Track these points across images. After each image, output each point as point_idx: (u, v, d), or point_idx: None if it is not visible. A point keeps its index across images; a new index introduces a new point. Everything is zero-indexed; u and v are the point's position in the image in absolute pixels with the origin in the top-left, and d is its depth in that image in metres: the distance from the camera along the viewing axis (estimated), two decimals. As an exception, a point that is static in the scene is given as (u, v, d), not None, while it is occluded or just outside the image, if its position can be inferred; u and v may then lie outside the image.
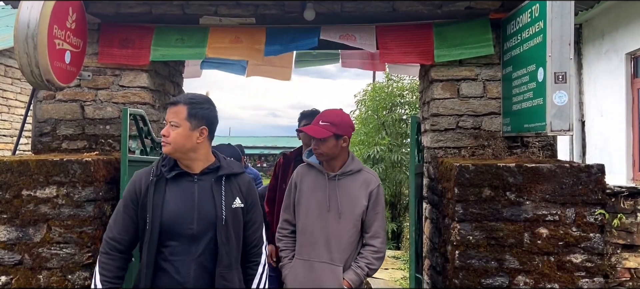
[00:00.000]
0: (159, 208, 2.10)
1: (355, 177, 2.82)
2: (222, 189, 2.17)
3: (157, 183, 2.14)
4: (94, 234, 3.00)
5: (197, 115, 2.15)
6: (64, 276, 2.99)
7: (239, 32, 3.64)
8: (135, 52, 3.56)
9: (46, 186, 3.01)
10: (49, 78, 3.01)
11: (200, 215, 2.12)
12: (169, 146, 2.13)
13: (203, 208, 2.13)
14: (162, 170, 2.17)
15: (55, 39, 3.03)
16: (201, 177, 2.18)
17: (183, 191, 2.15)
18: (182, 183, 2.16)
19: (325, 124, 2.75)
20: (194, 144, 2.14)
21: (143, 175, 2.18)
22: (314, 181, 2.83)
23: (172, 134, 2.13)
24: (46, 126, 3.62)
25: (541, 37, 2.92)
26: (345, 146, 2.81)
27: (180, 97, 2.20)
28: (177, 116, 2.14)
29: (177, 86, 4.35)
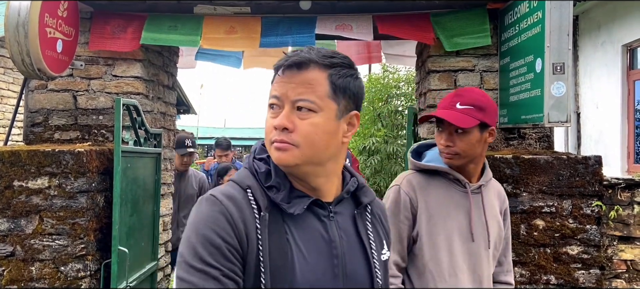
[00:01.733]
0: (285, 271, 1.09)
1: (490, 188, 2.01)
2: (368, 230, 1.24)
3: (271, 223, 1.11)
4: (87, 225, 2.96)
5: (346, 90, 1.15)
6: (57, 268, 2.95)
7: (233, 22, 3.59)
8: (127, 40, 3.50)
9: (38, 177, 2.97)
10: (41, 67, 2.96)
11: (349, 281, 1.16)
12: (294, 150, 1.10)
13: (353, 270, 1.17)
14: (272, 197, 1.13)
15: (46, 27, 2.98)
16: (337, 209, 1.20)
17: (316, 239, 1.15)
18: (310, 222, 1.15)
19: (467, 108, 1.84)
20: (338, 146, 1.17)
21: (233, 208, 1.09)
22: (445, 196, 1.88)
23: (304, 127, 1.11)
24: (38, 116, 3.57)
25: (539, 27, 2.89)
26: (488, 143, 1.92)
27: (306, 52, 1.14)
28: (313, 90, 1.12)
29: (171, 76, 4.31)
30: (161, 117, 4.05)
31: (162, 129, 3.95)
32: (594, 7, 7.36)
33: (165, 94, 4.15)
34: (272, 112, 1.14)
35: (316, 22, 3.59)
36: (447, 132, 1.85)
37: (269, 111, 1.15)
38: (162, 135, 3.80)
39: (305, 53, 1.13)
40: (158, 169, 3.74)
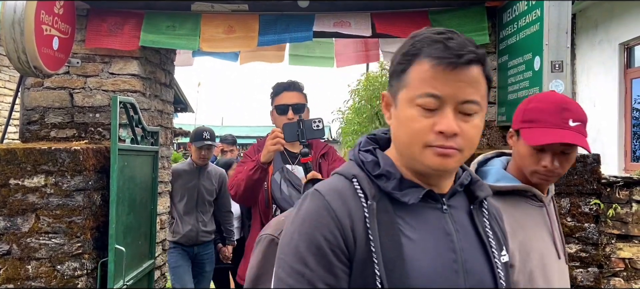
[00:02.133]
0: (401, 263, 0.99)
1: None
2: (486, 227, 1.13)
3: (380, 212, 1.02)
4: (84, 224, 2.95)
5: (490, 82, 1.08)
6: (53, 267, 2.94)
7: (231, 20, 3.58)
8: (124, 38, 3.48)
9: (34, 175, 2.95)
10: (37, 64, 2.94)
11: (471, 279, 1.04)
12: (458, 155, 1.01)
13: (473, 267, 1.06)
14: (382, 186, 1.05)
15: (42, 24, 2.96)
16: (451, 202, 1.11)
17: (432, 231, 1.04)
18: (424, 213, 1.05)
19: (579, 124, 1.60)
20: None
21: (337, 202, 1.01)
22: (525, 216, 1.63)
23: (470, 130, 1.02)
24: (34, 114, 3.55)
25: (538, 25, 2.89)
26: None
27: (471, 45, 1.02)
28: (478, 89, 1.02)
29: (168, 74, 4.29)
30: (158, 115, 4.04)
31: (159, 127, 3.93)
32: (591, 5, 7.36)
33: (162, 92, 4.13)
34: (425, 112, 0.99)
35: (314, 20, 3.57)
36: (551, 153, 1.55)
37: (419, 110, 1.00)
38: (159, 133, 3.79)
39: (472, 46, 1.01)
40: (155, 167, 3.73)
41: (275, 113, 2.78)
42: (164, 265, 4.34)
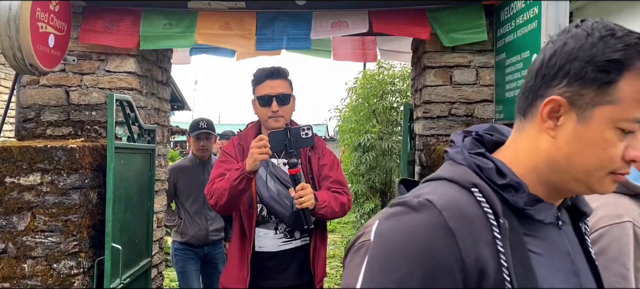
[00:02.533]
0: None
1: None
2: (589, 246, 1.01)
3: (511, 232, 0.85)
4: (80, 222, 2.93)
5: None
6: (49, 265, 2.92)
7: (228, 18, 3.57)
8: (120, 35, 3.46)
9: (30, 174, 2.93)
10: (32, 62, 2.92)
11: None
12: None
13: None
14: (511, 200, 0.88)
15: (38, 21, 2.94)
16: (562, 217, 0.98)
17: (557, 253, 0.91)
18: (548, 231, 0.92)
19: None
20: None
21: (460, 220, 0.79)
22: None
23: None
24: (30, 112, 3.53)
25: (536, 22, 2.88)
26: None
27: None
28: None
29: (165, 72, 4.27)
30: (155, 113, 4.02)
31: (156, 125, 3.92)
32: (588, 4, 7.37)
33: (159, 90, 4.12)
34: (621, 136, 0.83)
35: (312, 18, 3.56)
36: None
37: (617, 133, 0.83)
38: (156, 131, 3.77)
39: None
40: (152, 165, 3.71)
41: (257, 104, 2.49)
42: (161, 264, 4.33)
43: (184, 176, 4.20)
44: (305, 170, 2.52)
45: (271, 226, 2.50)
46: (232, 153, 2.54)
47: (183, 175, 4.21)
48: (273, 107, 2.45)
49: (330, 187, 2.52)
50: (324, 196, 2.40)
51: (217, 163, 2.55)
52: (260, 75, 2.51)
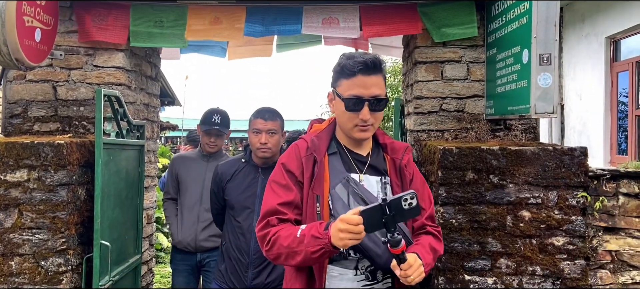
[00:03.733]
0: None
1: None
2: None
3: None
4: (68, 219, 2.90)
5: None
6: (37, 263, 2.89)
7: (218, 12, 3.54)
8: (109, 30, 3.42)
9: (17, 170, 2.89)
10: (18, 57, 2.87)
11: None
12: None
13: None
14: None
15: (24, 15, 2.89)
16: None
17: None
18: None
19: None
20: None
21: None
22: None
23: None
24: (17, 107, 3.48)
25: (526, 18, 2.88)
26: None
27: None
28: None
29: (155, 67, 4.23)
30: (144, 109, 3.98)
31: (145, 121, 3.88)
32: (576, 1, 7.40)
33: (148, 85, 4.08)
34: None
35: (302, 12, 3.54)
36: None
37: None
38: (145, 126, 3.74)
39: None
40: (141, 161, 3.68)
41: (340, 103, 1.89)
42: (151, 260, 4.30)
43: (186, 167, 3.77)
44: (395, 187, 1.97)
45: (350, 264, 1.89)
46: (297, 170, 1.91)
47: (185, 166, 3.77)
48: (363, 114, 1.84)
49: (426, 226, 2.02)
50: (427, 257, 1.85)
51: (274, 185, 1.93)
52: (351, 66, 1.84)
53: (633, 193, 2.98)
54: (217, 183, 3.04)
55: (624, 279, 2.98)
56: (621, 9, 6.42)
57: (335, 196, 1.86)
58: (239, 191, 2.95)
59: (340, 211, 1.79)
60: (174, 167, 3.85)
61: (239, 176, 2.99)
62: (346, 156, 1.95)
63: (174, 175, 3.82)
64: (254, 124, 2.93)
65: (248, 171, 2.99)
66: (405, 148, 2.02)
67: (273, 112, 3.00)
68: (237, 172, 3.01)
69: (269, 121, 2.92)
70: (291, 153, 1.95)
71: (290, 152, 1.96)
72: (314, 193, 1.86)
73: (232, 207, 2.96)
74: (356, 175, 1.92)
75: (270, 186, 1.93)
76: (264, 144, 2.88)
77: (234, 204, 2.95)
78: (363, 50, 2.15)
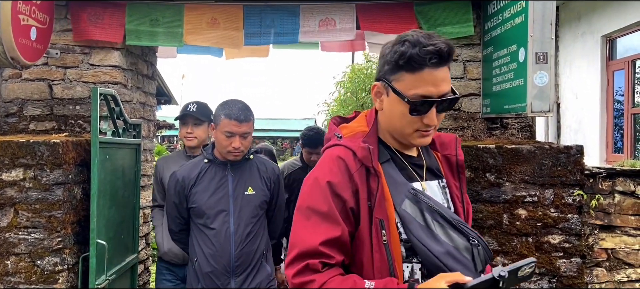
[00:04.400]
0: None
1: None
2: None
3: None
4: (64, 218, 2.89)
5: None
6: (33, 262, 2.88)
7: (215, 11, 3.53)
8: (105, 29, 3.41)
9: (12, 169, 2.88)
10: (14, 55, 2.86)
11: None
12: None
13: None
14: None
15: (19, 14, 2.88)
16: None
17: None
18: None
19: None
20: None
21: None
22: None
23: None
24: (12, 106, 3.47)
25: (523, 16, 2.89)
26: None
27: None
28: None
29: (151, 65, 4.22)
30: (140, 107, 3.97)
31: (141, 119, 3.87)
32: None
33: (144, 84, 4.07)
34: None
35: (299, 12, 3.54)
36: None
37: None
38: (141, 125, 3.73)
39: None
40: (138, 160, 3.67)
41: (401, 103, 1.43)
42: (148, 259, 4.29)
43: (170, 170, 3.23)
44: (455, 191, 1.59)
45: None
46: (348, 191, 1.39)
47: (168, 168, 3.30)
48: (430, 118, 1.42)
49: None
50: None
51: (312, 214, 1.39)
52: (421, 57, 1.36)
53: (629, 191, 2.99)
54: (179, 192, 2.68)
55: (619, 277, 2.99)
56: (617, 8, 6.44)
57: (406, 217, 1.40)
58: (209, 195, 2.64)
59: (421, 236, 1.38)
60: (158, 171, 3.39)
61: (204, 179, 2.68)
62: (401, 161, 1.51)
63: (159, 180, 3.35)
64: (226, 126, 2.59)
65: (215, 171, 2.70)
66: (455, 140, 1.65)
67: (246, 110, 2.66)
68: (201, 174, 2.69)
69: (244, 123, 2.60)
70: (334, 168, 1.41)
71: (332, 166, 1.41)
72: (376, 217, 1.37)
73: (202, 214, 2.63)
74: (418, 184, 1.48)
75: (305, 214, 1.40)
76: (237, 149, 2.62)
77: (205, 210, 2.63)
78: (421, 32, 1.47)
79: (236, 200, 2.66)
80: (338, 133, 1.52)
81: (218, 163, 2.72)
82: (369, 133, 1.51)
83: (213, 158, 2.73)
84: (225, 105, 2.65)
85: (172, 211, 2.74)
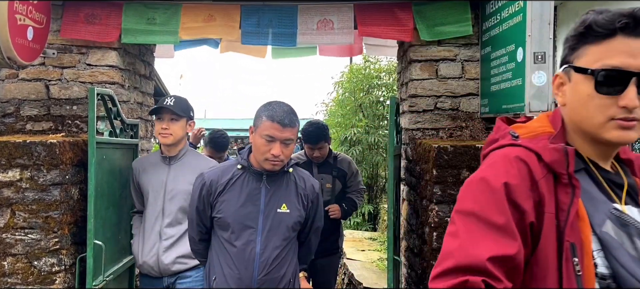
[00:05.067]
0: None
1: None
2: None
3: None
4: (61, 219, 2.88)
5: None
6: (30, 262, 2.87)
7: (212, 10, 3.52)
8: (102, 29, 3.40)
9: (9, 169, 2.87)
10: (10, 55, 2.85)
11: None
12: None
13: None
14: None
15: (16, 14, 2.87)
16: None
17: None
18: None
19: None
20: None
21: None
22: None
23: None
24: (9, 106, 3.45)
25: (521, 16, 2.88)
26: None
27: None
28: None
29: (148, 65, 4.21)
30: (138, 108, 3.96)
31: (139, 120, 3.86)
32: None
33: (142, 84, 4.06)
34: None
35: (297, 12, 3.53)
36: None
37: None
38: (139, 125, 3.71)
39: None
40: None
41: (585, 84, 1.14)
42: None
43: (146, 173, 3.00)
44: None
45: None
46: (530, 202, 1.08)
47: (145, 171, 3.01)
48: (628, 97, 1.08)
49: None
50: None
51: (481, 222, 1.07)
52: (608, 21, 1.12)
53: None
54: (204, 197, 2.35)
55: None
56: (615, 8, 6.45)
57: (609, 242, 1.06)
58: (237, 206, 2.31)
59: (633, 268, 1.04)
60: (134, 174, 3.06)
61: (235, 187, 2.34)
62: (595, 174, 1.17)
63: (136, 184, 3.04)
64: (266, 128, 2.24)
65: (247, 180, 2.35)
66: None
67: (292, 114, 2.30)
68: (232, 182, 2.35)
69: (287, 128, 2.24)
70: (512, 170, 1.10)
71: (509, 167, 1.10)
72: (567, 239, 1.05)
73: (227, 227, 2.31)
74: (618, 205, 1.14)
75: (468, 219, 1.08)
76: (277, 157, 2.25)
77: (230, 223, 2.30)
78: None
79: (267, 217, 2.31)
80: (514, 132, 1.20)
81: (252, 171, 2.35)
82: (557, 135, 1.18)
83: (247, 164, 2.36)
84: (269, 106, 2.31)
85: (194, 217, 2.40)
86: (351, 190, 4.11)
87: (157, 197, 2.90)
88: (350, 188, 4.11)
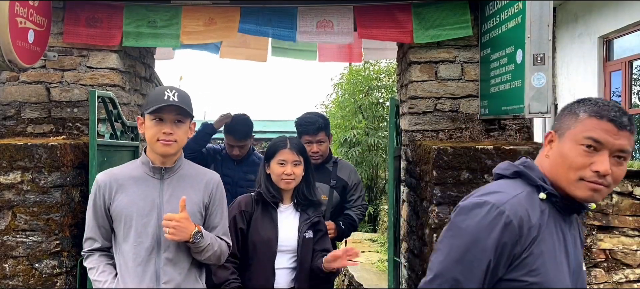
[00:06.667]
0: None
1: None
2: None
3: None
4: (62, 221, 2.88)
5: None
6: (31, 265, 2.87)
7: (212, 13, 3.53)
8: (103, 32, 3.41)
9: (10, 172, 2.88)
10: (11, 58, 2.86)
11: None
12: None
13: None
14: None
15: (17, 16, 2.87)
16: None
17: None
18: None
19: None
20: None
21: None
22: None
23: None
24: (10, 109, 3.46)
25: (520, 18, 2.89)
26: None
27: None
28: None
29: (149, 68, 4.22)
30: (139, 110, 3.97)
31: (139, 122, 3.86)
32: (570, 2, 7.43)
33: (142, 86, 4.06)
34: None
35: (297, 14, 3.54)
36: None
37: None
38: (139, 127, 3.72)
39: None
40: (136, 163, 3.66)
41: None
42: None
43: (125, 193, 2.08)
44: None
45: None
46: None
47: (122, 190, 2.08)
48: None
49: None
50: None
51: None
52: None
53: (626, 192, 3.00)
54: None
55: (618, 277, 3.00)
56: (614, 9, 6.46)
57: None
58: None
59: None
60: (101, 195, 2.07)
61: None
62: None
63: (105, 209, 2.07)
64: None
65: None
66: None
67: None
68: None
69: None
70: None
71: None
72: None
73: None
74: None
75: None
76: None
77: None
78: None
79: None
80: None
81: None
82: None
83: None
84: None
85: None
86: (351, 205, 3.45)
87: (147, 224, 2.03)
88: (350, 202, 3.45)
